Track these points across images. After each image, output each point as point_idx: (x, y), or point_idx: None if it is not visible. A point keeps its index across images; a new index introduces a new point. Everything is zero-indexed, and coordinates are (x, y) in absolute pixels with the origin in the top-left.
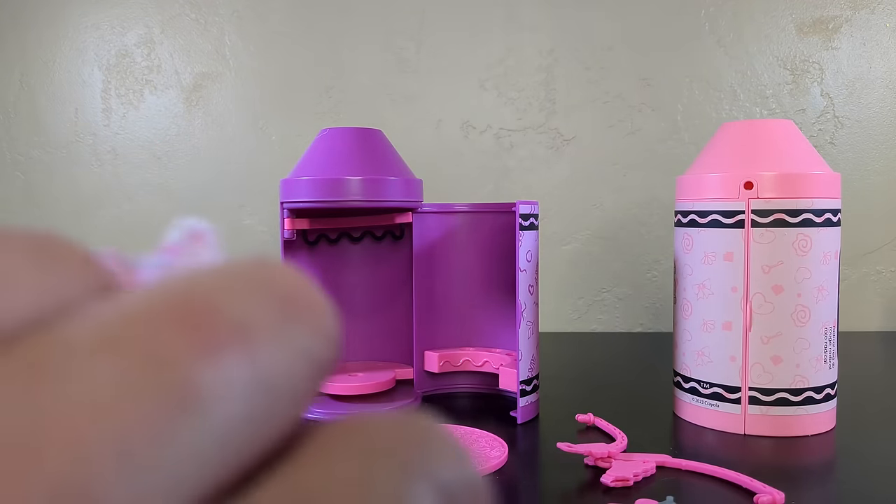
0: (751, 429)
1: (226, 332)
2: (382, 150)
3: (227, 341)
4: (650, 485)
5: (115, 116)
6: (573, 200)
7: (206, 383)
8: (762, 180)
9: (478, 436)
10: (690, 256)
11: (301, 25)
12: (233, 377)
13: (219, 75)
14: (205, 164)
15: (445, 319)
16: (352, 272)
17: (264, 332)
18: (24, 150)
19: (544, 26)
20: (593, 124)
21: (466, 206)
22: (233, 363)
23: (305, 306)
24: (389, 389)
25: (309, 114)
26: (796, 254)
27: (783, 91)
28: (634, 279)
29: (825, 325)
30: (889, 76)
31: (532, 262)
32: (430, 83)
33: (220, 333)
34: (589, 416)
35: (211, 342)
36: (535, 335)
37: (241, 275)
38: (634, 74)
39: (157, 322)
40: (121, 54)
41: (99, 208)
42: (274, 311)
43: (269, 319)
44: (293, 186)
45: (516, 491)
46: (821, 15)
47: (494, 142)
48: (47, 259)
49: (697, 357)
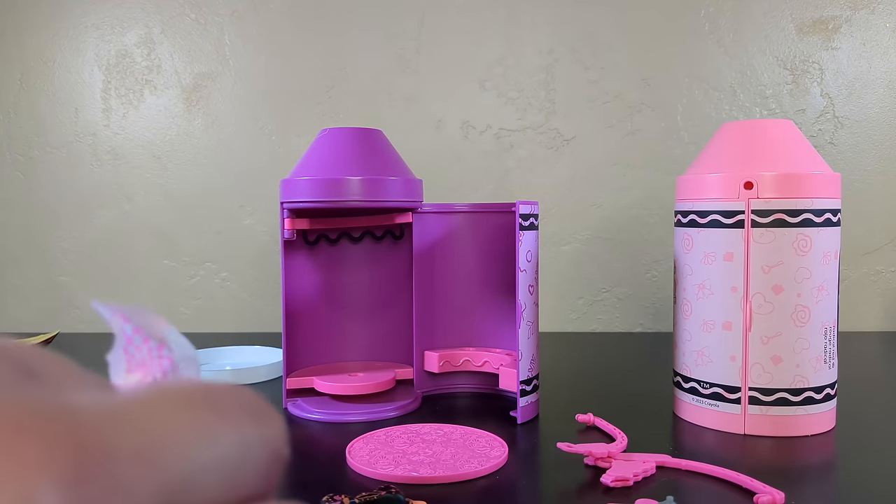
0: (751, 429)
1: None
2: (382, 150)
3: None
4: (650, 485)
5: (115, 116)
6: (573, 200)
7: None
8: (762, 180)
9: (478, 436)
10: (690, 256)
11: (301, 25)
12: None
13: (219, 75)
14: (205, 164)
15: (445, 319)
16: (352, 272)
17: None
18: (24, 150)
19: (544, 26)
20: (593, 124)
21: (466, 206)
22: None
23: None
24: (389, 389)
25: (309, 114)
26: (796, 254)
27: (783, 91)
28: (634, 279)
29: (825, 325)
30: (889, 76)
31: (532, 262)
32: (430, 83)
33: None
34: (589, 416)
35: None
36: (535, 335)
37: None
38: (634, 74)
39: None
40: (121, 54)
41: (99, 208)
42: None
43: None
44: (293, 186)
45: (516, 491)
46: (821, 15)
47: (494, 142)
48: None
49: (697, 357)
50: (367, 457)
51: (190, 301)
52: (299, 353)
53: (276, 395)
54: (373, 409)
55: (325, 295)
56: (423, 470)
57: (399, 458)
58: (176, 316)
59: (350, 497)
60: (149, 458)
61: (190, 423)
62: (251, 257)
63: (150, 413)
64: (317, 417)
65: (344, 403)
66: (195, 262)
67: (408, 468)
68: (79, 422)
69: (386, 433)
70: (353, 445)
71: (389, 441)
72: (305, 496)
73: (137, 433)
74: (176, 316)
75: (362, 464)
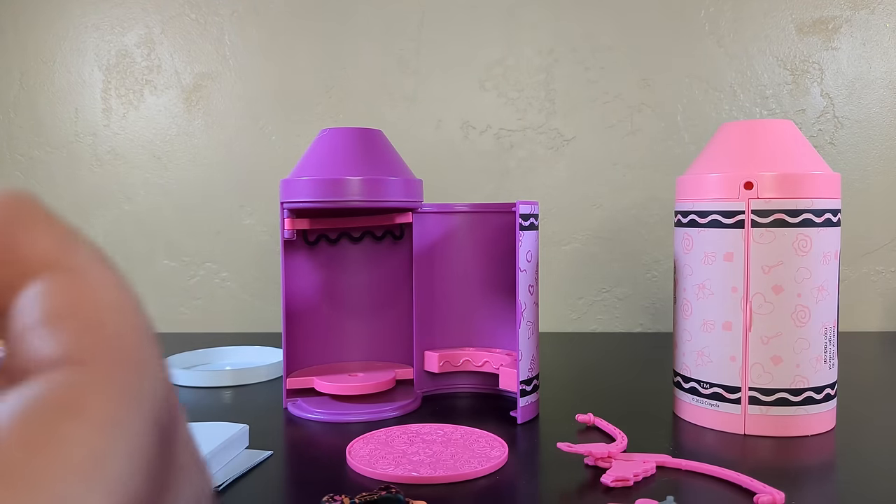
0: (751, 429)
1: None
2: (382, 150)
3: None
4: (650, 485)
5: (115, 116)
6: (573, 200)
7: None
8: (762, 180)
9: (478, 436)
10: (690, 256)
11: (301, 25)
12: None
13: (219, 75)
14: (205, 164)
15: (445, 319)
16: (352, 272)
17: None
18: (24, 150)
19: (544, 26)
20: (593, 124)
21: (466, 206)
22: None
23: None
24: (389, 389)
25: (309, 114)
26: (796, 254)
27: (783, 91)
28: (634, 279)
29: (825, 325)
30: (889, 76)
31: (532, 262)
32: (430, 83)
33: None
34: (589, 416)
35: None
36: (535, 335)
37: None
38: (634, 74)
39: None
40: (121, 54)
41: (99, 208)
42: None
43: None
44: (293, 186)
45: (516, 491)
46: (821, 15)
47: (494, 142)
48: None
49: (697, 357)
50: (367, 457)
51: (190, 301)
52: (299, 353)
53: (276, 395)
54: (373, 409)
55: (325, 295)
56: (423, 470)
57: (399, 458)
58: (176, 316)
59: (350, 497)
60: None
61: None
62: (251, 257)
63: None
64: (317, 417)
65: (344, 403)
66: (195, 263)
67: (408, 468)
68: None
69: (386, 433)
70: (353, 445)
71: (389, 441)
72: (305, 496)
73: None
74: (176, 316)
75: (362, 464)
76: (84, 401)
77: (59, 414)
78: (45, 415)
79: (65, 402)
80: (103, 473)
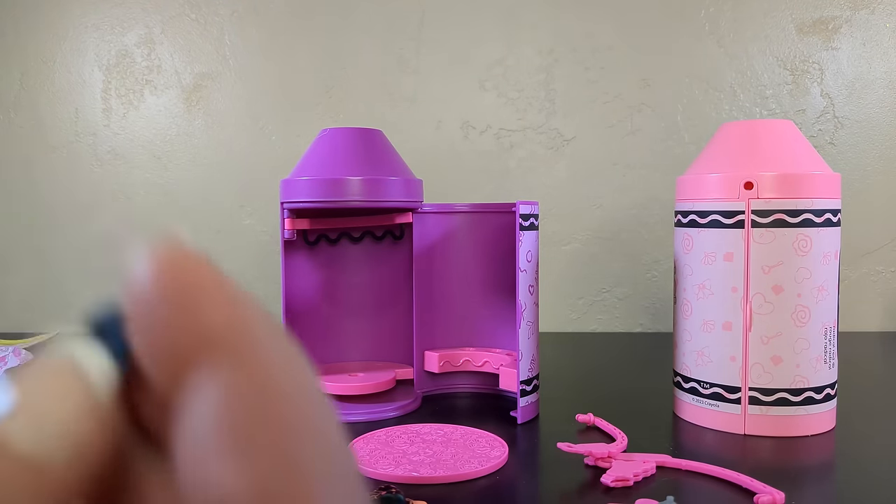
0: (751, 429)
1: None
2: (382, 150)
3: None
4: (650, 485)
5: (115, 116)
6: (573, 200)
7: None
8: (762, 180)
9: (478, 436)
10: (690, 256)
11: (301, 25)
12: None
13: (219, 75)
14: (205, 164)
15: (445, 319)
16: (352, 272)
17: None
18: (24, 150)
19: (544, 26)
20: (593, 124)
21: (466, 206)
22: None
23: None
24: (389, 389)
25: (309, 114)
26: (796, 254)
27: (783, 91)
28: (634, 279)
29: (825, 325)
30: (889, 76)
31: (532, 263)
32: (430, 83)
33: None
34: (589, 416)
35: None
36: (535, 335)
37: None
38: (634, 74)
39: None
40: (121, 54)
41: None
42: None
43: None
44: (293, 186)
45: (516, 491)
46: (821, 15)
47: (494, 142)
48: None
49: (697, 357)
50: (367, 457)
51: None
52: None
53: None
54: (373, 409)
55: (325, 295)
56: (423, 470)
57: (399, 458)
58: None
59: None
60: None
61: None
62: (251, 257)
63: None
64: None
65: (344, 403)
66: None
67: (408, 468)
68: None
69: (386, 433)
70: (354, 445)
71: (390, 441)
72: None
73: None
74: None
75: (362, 464)
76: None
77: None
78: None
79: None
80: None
